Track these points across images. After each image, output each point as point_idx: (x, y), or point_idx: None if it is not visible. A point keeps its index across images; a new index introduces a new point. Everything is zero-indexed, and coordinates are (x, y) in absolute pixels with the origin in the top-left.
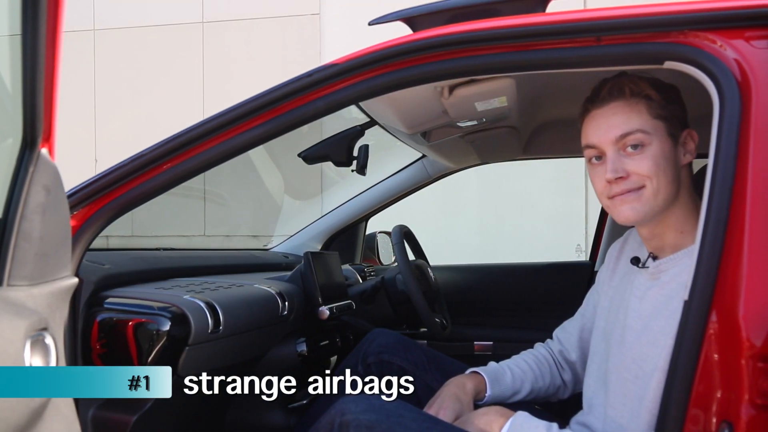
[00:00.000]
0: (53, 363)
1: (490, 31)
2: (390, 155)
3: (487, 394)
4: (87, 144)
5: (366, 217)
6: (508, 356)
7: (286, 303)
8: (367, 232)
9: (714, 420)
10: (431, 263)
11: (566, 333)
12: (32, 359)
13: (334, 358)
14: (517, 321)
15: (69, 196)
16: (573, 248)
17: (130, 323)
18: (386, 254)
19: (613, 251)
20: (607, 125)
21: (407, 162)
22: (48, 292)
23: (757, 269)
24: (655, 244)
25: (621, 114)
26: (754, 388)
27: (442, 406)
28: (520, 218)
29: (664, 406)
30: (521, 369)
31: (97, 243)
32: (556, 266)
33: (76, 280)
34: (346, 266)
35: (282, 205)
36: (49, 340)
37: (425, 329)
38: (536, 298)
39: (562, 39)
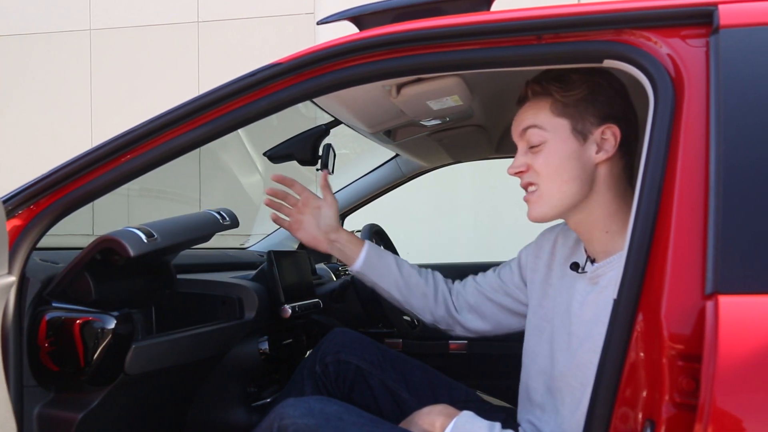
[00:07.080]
0: None
1: (432, 30)
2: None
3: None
4: (84, 143)
5: (342, 216)
6: (483, 355)
7: None
8: None
9: (640, 418)
10: (429, 261)
11: (477, 284)
12: None
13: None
14: None
15: (13, 196)
16: None
17: (78, 322)
18: None
19: (546, 242)
20: (516, 123)
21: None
22: None
23: (680, 268)
24: (587, 242)
25: (527, 112)
26: (675, 386)
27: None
28: (517, 215)
29: (592, 404)
30: (407, 269)
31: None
32: None
33: (13, 278)
34: (321, 265)
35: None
36: None
37: None
38: None
39: (504, 38)
